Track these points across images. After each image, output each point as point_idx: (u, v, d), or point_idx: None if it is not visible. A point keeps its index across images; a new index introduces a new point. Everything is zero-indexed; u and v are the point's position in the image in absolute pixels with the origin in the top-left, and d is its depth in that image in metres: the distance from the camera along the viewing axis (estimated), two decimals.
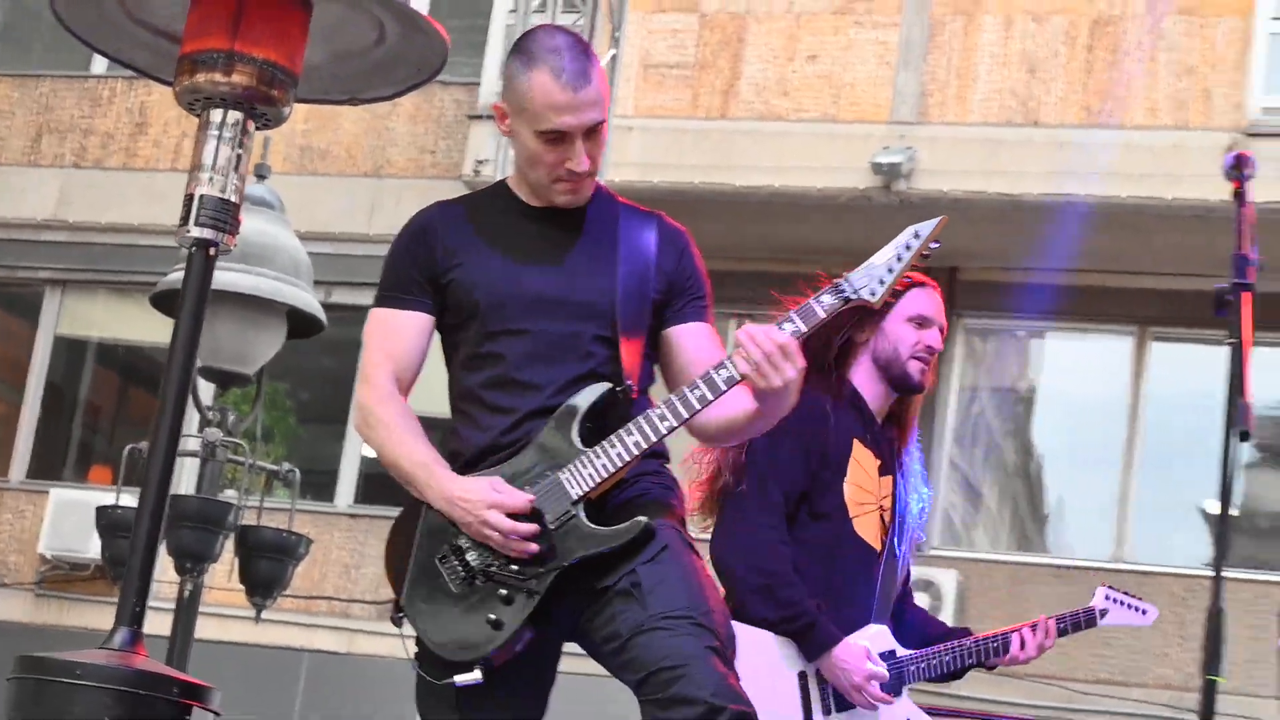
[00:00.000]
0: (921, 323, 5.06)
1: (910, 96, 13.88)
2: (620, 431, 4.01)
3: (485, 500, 3.98)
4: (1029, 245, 13.72)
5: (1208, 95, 13.19)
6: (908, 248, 4.02)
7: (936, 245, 4.04)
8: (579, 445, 4.03)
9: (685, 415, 3.98)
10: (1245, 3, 13.42)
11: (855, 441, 4.99)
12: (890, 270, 4.01)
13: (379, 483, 15.63)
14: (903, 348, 5.04)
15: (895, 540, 5.08)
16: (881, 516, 5.04)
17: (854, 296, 4.00)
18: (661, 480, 4.19)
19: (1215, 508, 14.17)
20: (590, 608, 4.00)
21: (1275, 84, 13.30)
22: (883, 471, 5.06)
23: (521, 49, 4.16)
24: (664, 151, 13.42)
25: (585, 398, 4.06)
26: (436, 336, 4.28)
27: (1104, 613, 5.28)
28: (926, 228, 4.02)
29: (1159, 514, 14.15)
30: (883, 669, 4.87)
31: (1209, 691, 4.17)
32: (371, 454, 15.45)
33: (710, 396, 3.96)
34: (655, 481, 4.16)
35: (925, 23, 14.04)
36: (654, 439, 4.00)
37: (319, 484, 15.06)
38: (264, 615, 8.99)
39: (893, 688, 4.91)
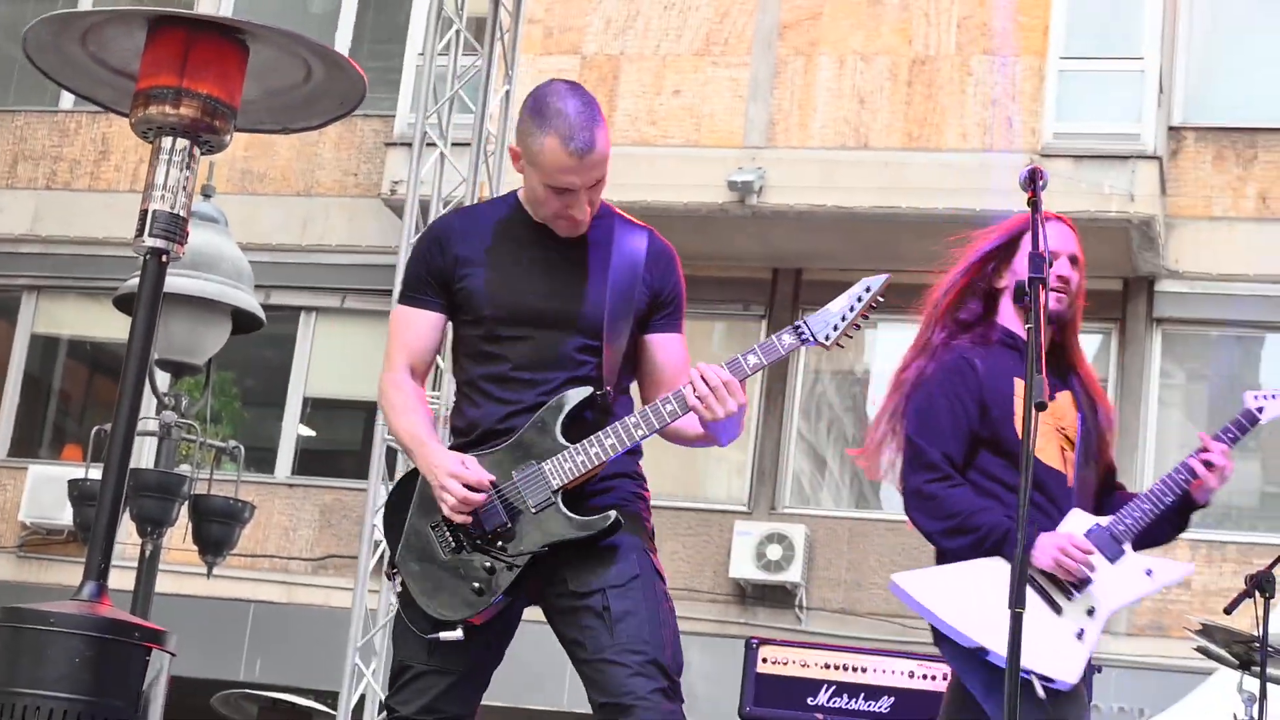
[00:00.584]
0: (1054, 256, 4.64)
1: (760, 124, 13.89)
2: (600, 433, 3.96)
3: (447, 469, 3.95)
4: (862, 250, 13.82)
5: (1009, 122, 13.28)
6: (859, 299, 4.08)
7: (883, 300, 4.08)
8: (562, 441, 3.98)
9: (657, 426, 3.96)
10: (1040, 44, 13.52)
11: (1016, 380, 4.59)
12: (843, 318, 4.06)
13: (313, 457, 15.56)
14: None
15: (1081, 452, 4.72)
16: (1063, 435, 4.68)
17: (810, 339, 4.04)
18: (636, 487, 4.13)
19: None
20: (561, 600, 3.98)
21: (1065, 113, 13.39)
22: (1053, 395, 4.61)
23: (538, 107, 4.02)
24: None
25: (570, 399, 4.01)
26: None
27: (1260, 410, 4.83)
28: (876, 282, 4.09)
29: None
30: (1082, 540, 4.51)
31: (1016, 621, 4.13)
32: (307, 432, 15.46)
33: (680, 412, 3.93)
34: (630, 488, 4.11)
35: (771, 62, 14.06)
36: (629, 443, 3.96)
37: (261, 458, 14.95)
38: (215, 572, 8.92)
39: (1110, 550, 4.56)
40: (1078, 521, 4.60)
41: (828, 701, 6.53)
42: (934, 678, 6.58)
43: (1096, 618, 4.51)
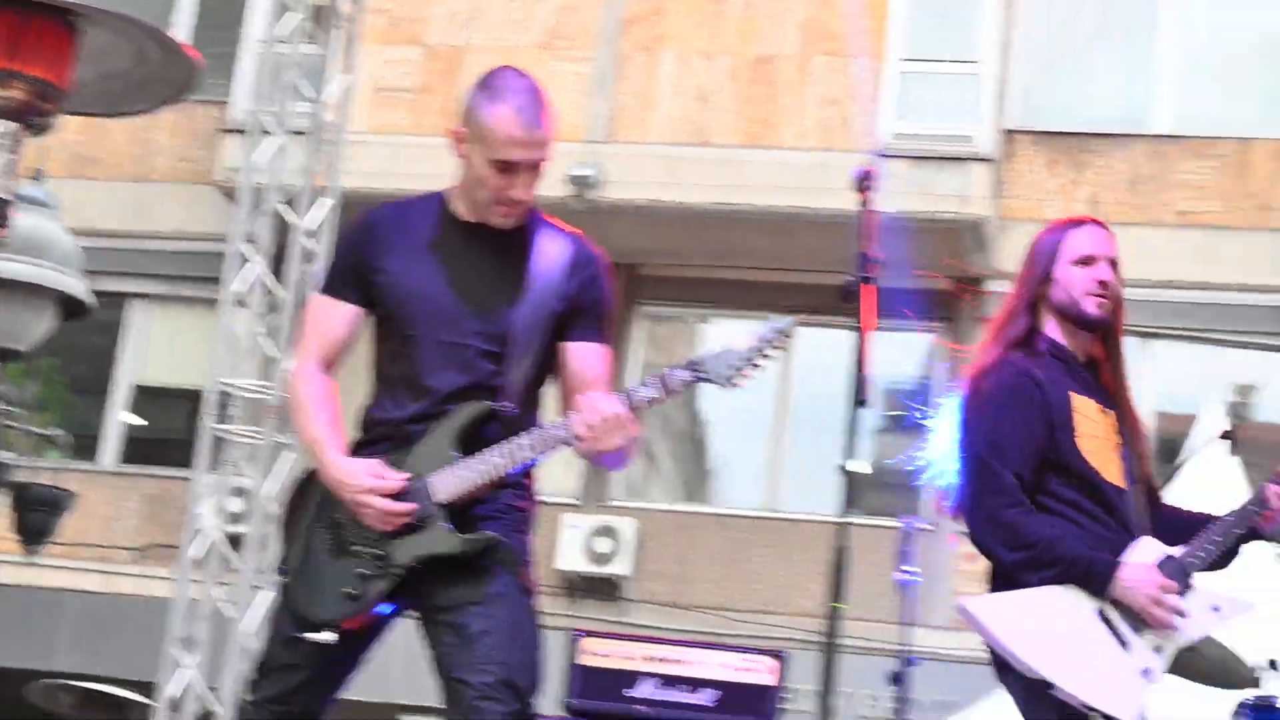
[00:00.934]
0: (1087, 261, 4.54)
1: (602, 119, 13.96)
2: (491, 450, 3.94)
3: (363, 483, 3.92)
4: (700, 246, 13.96)
5: (847, 123, 13.48)
6: (768, 342, 4.00)
7: (788, 338, 4.03)
8: (452, 453, 3.95)
9: (546, 450, 3.94)
10: (879, 46, 13.74)
11: (1071, 395, 4.47)
12: (748, 361, 3.99)
13: (140, 445, 15.37)
14: (1075, 290, 4.52)
15: (1131, 469, 4.55)
16: (1119, 452, 4.53)
17: (705, 377, 3.98)
18: (515, 499, 4.09)
19: (850, 465, 14.54)
20: (428, 614, 3.98)
21: (903, 113, 13.62)
22: (1105, 409, 4.54)
23: (488, 85, 4.11)
24: (391, 163, 13.32)
25: (466, 412, 3.98)
26: None
27: None
28: (785, 323, 4.03)
29: (805, 471, 14.39)
30: (1172, 585, 4.33)
31: (834, 617, 4.26)
32: (135, 420, 15.26)
33: (570, 441, 3.91)
34: (510, 500, 4.07)
35: (613, 57, 14.13)
36: (516, 465, 3.94)
37: (86, 446, 14.74)
38: (34, 560, 8.82)
39: (1181, 585, 4.37)
40: (1148, 550, 4.41)
41: (650, 693, 6.57)
42: (755, 670, 6.65)
43: (1163, 655, 4.35)
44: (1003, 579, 4.36)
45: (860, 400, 4.08)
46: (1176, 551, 4.40)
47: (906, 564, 6.97)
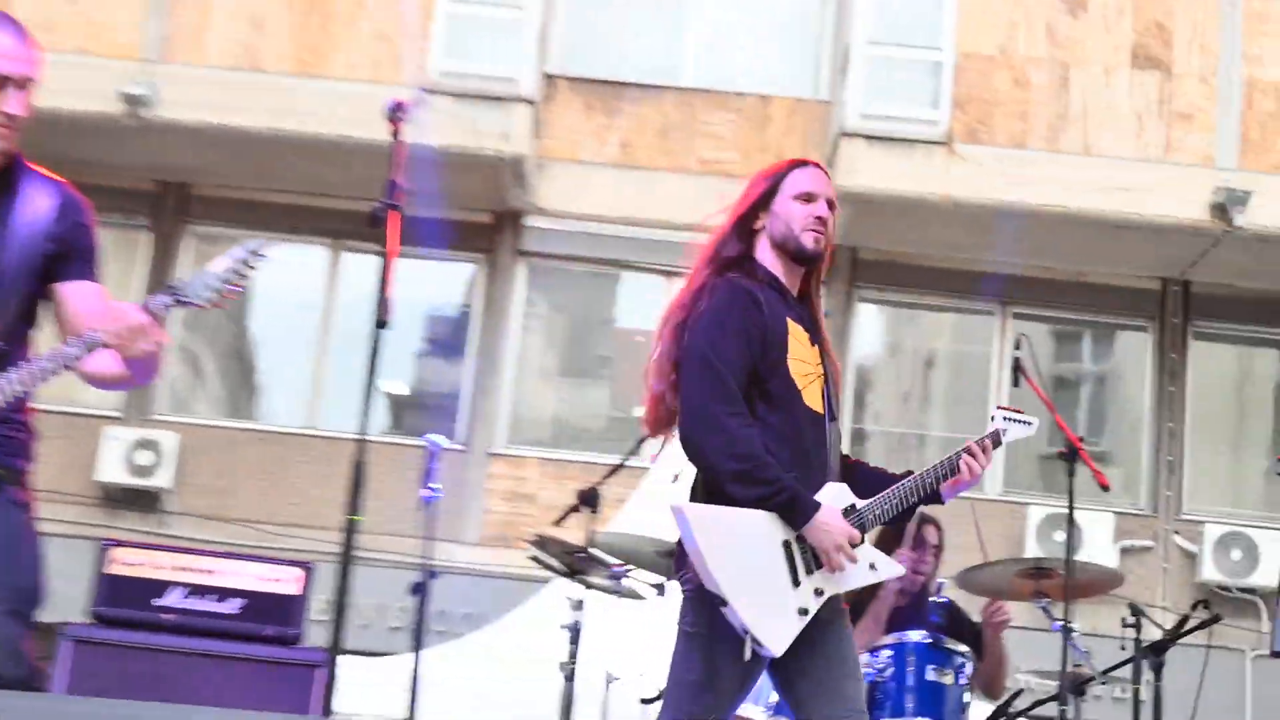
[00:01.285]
0: (808, 198, 4.68)
1: (156, 39, 13.89)
2: None
3: None
4: (250, 169, 14.12)
5: (397, 57, 13.78)
6: (243, 263, 4.08)
7: (261, 258, 4.11)
8: None
9: (48, 372, 3.99)
10: None
11: (788, 319, 4.59)
12: (225, 282, 4.04)
13: None
14: (795, 224, 4.66)
15: (830, 403, 4.68)
16: (822, 383, 4.65)
17: (185, 300, 4.03)
18: (16, 439, 4.13)
19: (389, 386, 14.92)
20: None
21: (451, 52, 13.94)
22: (812, 341, 4.67)
23: None
24: None
25: None
26: None
27: (1004, 431, 4.79)
28: (258, 245, 4.11)
29: (344, 392, 14.65)
30: (856, 535, 4.49)
31: (350, 529, 4.46)
32: None
33: (83, 354, 3.97)
34: (10, 438, 4.10)
35: None
36: (8, 398, 3.99)
37: None
38: None
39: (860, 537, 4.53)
40: (835, 496, 4.56)
41: (178, 602, 6.67)
42: (282, 580, 6.83)
43: (820, 599, 4.46)
44: (708, 486, 4.50)
45: (381, 322, 4.32)
46: (861, 504, 4.56)
47: (431, 481, 7.32)
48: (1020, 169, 13.54)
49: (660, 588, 6.38)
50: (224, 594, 6.72)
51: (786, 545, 4.43)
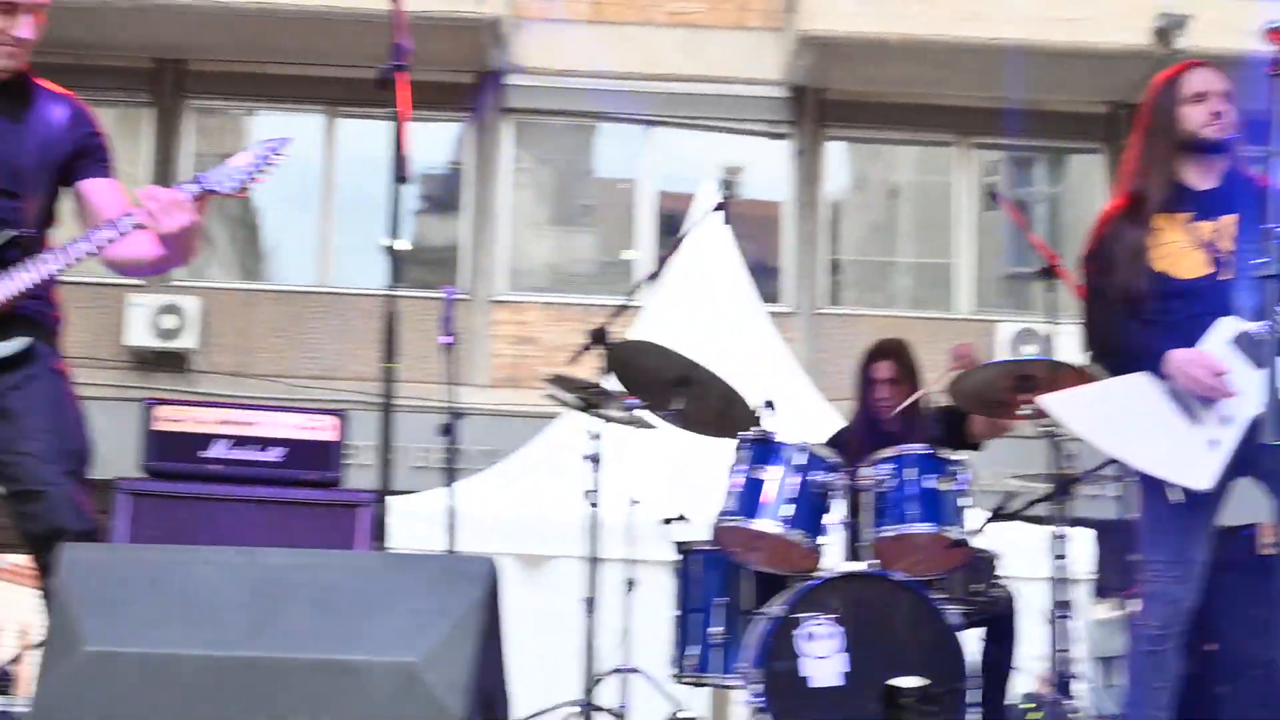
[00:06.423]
0: (1199, 98, 4.67)
1: None
2: (17, 266, 4.02)
3: None
4: (243, 43, 13.93)
5: None
6: (265, 159, 4.07)
7: (281, 155, 4.08)
8: None
9: (75, 257, 4.02)
10: None
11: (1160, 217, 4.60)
12: (249, 175, 4.05)
13: None
14: (1194, 124, 4.66)
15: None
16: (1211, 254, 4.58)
17: (210, 186, 4.03)
18: (42, 305, 4.16)
19: (393, 243, 14.81)
20: None
21: None
22: (1205, 216, 4.59)
23: None
24: None
25: None
26: None
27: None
28: (280, 143, 4.10)
29: (352, 250, 14.65)
30: (1215, 363, 4.38)
31: (388, 376, 4.38)
32: None
33: (116, 237, 3.99)
34: (37, 308, 4.13)
35: None
36: (41, 275, 4.03)
37: None
38: None
39: (1256, 356, 4.34)
40: (1226, 328, 4.46)
41: (223, 453, 6.67)
42: (319, 428, 6.82)
43: (1234, 425, 4.37)
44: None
45: (401, 178, 4.21)
46: (1254, 326, 4.38)
47: (448, 329, 7.40)
48: (973, 5, 13.40)
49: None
50: (266, 443, 6.70)
51: (1175, 395, 4.41)
